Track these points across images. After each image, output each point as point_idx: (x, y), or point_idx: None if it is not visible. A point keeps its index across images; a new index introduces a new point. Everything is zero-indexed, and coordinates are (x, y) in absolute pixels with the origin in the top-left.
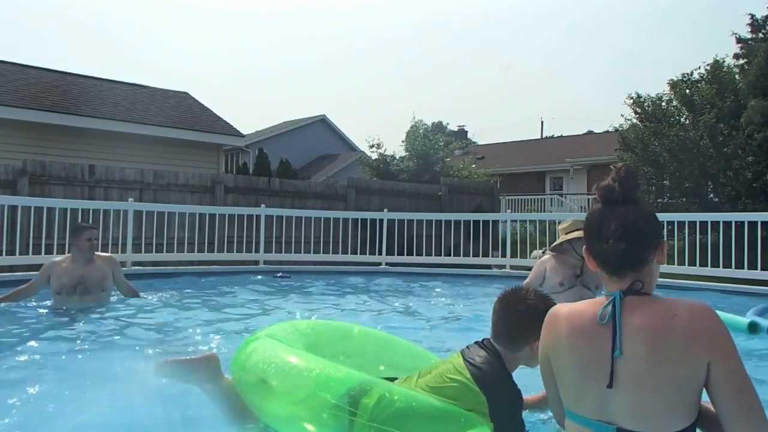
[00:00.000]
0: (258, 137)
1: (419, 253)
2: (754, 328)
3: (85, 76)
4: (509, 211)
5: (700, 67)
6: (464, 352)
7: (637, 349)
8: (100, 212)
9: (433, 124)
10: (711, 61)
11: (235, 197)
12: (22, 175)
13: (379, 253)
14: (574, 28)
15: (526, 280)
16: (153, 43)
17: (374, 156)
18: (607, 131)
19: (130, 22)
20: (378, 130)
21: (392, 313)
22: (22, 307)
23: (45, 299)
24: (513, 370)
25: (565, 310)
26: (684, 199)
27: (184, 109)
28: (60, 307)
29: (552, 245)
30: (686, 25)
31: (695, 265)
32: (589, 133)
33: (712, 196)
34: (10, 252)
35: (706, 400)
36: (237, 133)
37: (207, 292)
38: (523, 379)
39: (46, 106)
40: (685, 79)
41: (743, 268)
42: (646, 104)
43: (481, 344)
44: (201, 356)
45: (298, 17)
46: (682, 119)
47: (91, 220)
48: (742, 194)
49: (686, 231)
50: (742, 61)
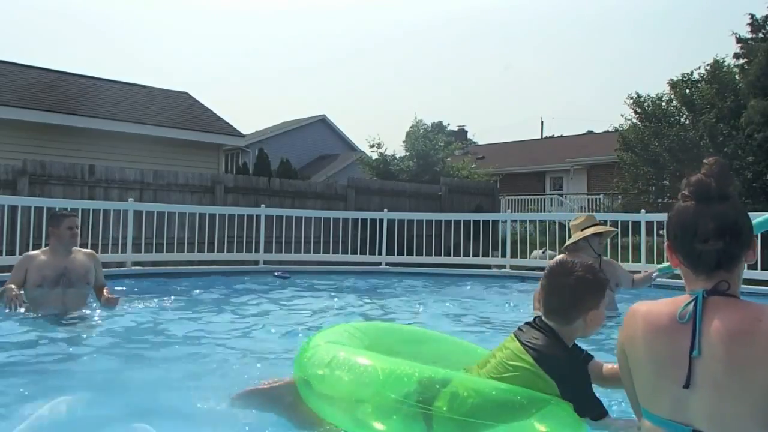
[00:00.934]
0: (258, 137)
1: (419, 253)
2: None
3: (84, 75)
4: (509, 211)
5: (700, 67)
6: (519, 335)
7: (717, 351)
8: (100, 212)
9: (434, 124)
10: (711, 61)
11: (235, 197)
12: (22, 175)
13: (379, 253)
14: (574, 28)
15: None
16: (153, 43)
17: (375, 156)
18: (607, 131)
19: (130, 22)
20: (378, 130)
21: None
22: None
23: None
24: (570, 344)
25: (644, 307)
26: None
27: (184, 109)
28: (35, 306)
29: (566, 243)
30: (686, 25)
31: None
32: (589, 133)
33: None
34: (10, 252)
35: None
36: (237, 133)
37: (212, 293)
38: None
39: (46, 106)
40: (685, 79)
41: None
42: (646, 104)
43: (534, 324)
44: (282, 383)
45: (299, 17)
46: (682, 119)
47: (91, 220)
48: (742, 194)
49: None
50: (742, 61)
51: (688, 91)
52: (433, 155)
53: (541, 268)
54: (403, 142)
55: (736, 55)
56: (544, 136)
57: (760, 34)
